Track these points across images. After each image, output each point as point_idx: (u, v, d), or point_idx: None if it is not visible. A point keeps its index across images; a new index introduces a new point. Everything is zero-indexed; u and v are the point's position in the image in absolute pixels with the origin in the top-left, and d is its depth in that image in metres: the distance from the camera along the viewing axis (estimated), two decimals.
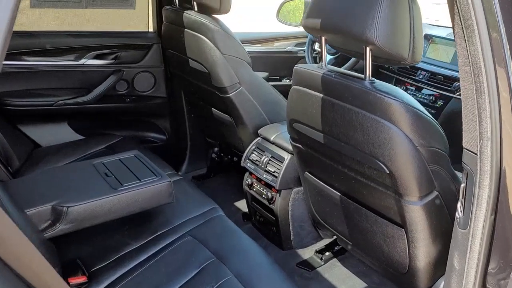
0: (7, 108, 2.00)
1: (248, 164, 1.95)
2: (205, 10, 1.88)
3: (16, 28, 2.02)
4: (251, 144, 1.97)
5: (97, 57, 2.19)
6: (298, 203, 1.86)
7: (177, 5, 2.04)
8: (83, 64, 2.16)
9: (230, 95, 1.91)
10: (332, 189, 1.54)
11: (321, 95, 1.31)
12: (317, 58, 2.56)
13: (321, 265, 1.88)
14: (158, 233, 1.49)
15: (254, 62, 2.10)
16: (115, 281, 1.32)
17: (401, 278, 1.47)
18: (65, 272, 1.31)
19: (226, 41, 1.85)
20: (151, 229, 1.50)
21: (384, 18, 1.07)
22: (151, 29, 2.38)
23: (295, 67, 1.41)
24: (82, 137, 2.26)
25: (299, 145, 1.56)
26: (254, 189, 1.96)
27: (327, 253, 1.92)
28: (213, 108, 2.14)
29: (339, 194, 1.51)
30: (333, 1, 1.20)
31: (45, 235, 1.26)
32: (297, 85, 1.41)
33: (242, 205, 2.27)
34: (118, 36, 2.25)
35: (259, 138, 1.97)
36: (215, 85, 1.92)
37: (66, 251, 1.39)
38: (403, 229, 1.33)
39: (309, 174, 1.63)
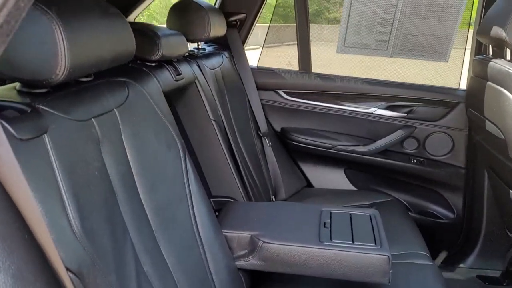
0: (291, 142, 2.11)
1: None
2: None
3: (318, 70, 2.13)
4: None
5: (388, 107, 2.03)
6: None
7: (490, 54, 1.63)
8: (371, 113, 2.05)
9: None
10: None
11: None
12: None
13: None
14: None
15: None
16: None
17: None
18: None
19: None
20: None
21: None
22: (462, 87, 2.02)
23: None
24: (353, 188, 2.14)
25: None
26: None
27: None
28: (510, 191, 1.58)
29: None
30: None
31: (236, 262, 1.19)
32: None
33: None
34: (418, 89, 2.01)
35: None
36: None
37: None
38: None
39: None
